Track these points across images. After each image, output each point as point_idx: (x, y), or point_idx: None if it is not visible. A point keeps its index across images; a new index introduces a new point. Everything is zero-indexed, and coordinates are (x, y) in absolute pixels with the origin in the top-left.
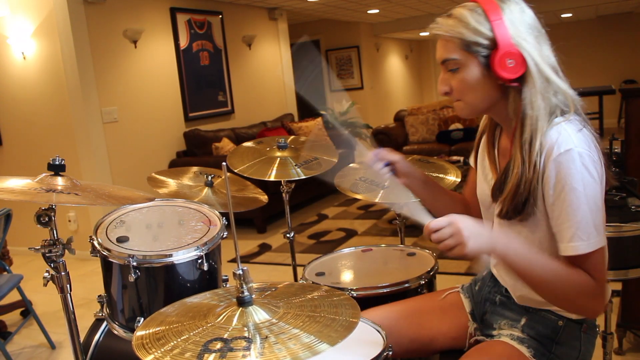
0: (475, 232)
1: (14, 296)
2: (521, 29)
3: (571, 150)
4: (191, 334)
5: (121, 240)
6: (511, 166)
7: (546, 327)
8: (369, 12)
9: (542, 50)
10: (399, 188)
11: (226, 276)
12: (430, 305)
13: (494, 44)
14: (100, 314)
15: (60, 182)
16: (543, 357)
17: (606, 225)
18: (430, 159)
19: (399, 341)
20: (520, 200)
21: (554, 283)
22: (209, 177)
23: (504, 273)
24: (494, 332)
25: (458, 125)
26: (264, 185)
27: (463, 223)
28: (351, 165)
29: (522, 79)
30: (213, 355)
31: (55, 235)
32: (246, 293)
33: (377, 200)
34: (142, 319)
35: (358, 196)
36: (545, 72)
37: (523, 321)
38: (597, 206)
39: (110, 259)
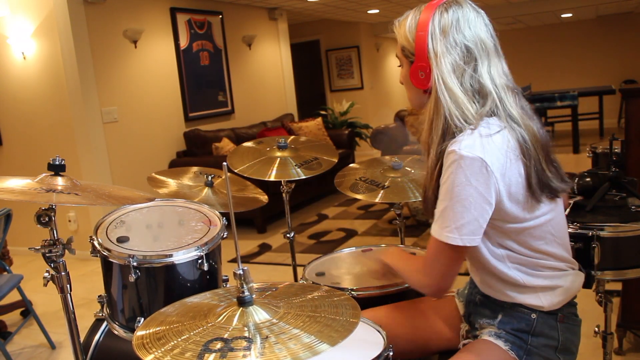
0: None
1: (14, 296)
2: (443, 45)
3: (453, 152)
4: (191, 333)
5: (121, 240)
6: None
7: (520, 321)
8: (369, 12)
9: (467, 69)
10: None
11: (226, 276)
12: (426, 307)
13: (415, 53)
14: (100, 314)
15: (60, 182)
16: (520, 349)
17: (606, 225)
18: None
19: (395, 341)
20: (428, 205)
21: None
22: (209, 177)
23: (471, 269)
24: (477, 332)
25: None
26: (264, 185)
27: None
28: (351, 165)
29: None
30: (213, 355)
31: (55, 235)
32: (246, 293)
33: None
34: (142, 319)
35: (358, 196)
36: (452, 90)
37: (499, 318)
38: (463, 207)
39: (111, 259)
